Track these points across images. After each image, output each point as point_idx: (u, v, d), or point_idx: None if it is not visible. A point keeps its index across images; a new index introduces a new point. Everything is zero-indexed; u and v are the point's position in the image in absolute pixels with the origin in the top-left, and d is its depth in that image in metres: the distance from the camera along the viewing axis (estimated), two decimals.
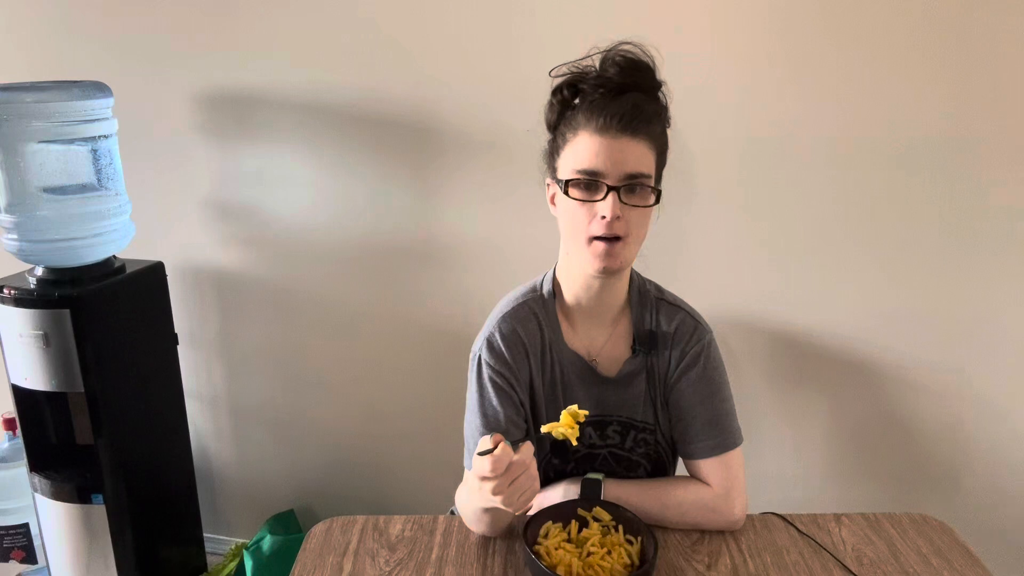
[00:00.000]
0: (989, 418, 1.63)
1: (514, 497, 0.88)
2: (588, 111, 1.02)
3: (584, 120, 1.02)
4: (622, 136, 1.00)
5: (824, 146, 1.52)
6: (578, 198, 1.02)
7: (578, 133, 1.03)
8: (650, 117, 1.03)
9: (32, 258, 1.62)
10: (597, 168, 1.00)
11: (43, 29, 1.80)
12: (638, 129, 1.00)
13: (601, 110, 1.01)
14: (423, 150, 1.70)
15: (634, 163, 1.00)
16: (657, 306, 1.15)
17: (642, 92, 1.04)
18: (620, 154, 1.00)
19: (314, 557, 1.08)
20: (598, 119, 1.01)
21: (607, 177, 1.00)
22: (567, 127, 1.05)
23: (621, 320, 1.15)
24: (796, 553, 1.08)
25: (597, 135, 1.01)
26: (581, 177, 1.01)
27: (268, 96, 1.73)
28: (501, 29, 1.57)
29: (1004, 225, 1.51)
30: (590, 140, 1.01)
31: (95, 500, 1.69)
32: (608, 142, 1.00)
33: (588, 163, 1.01)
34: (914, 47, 1.44)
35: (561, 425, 0.94)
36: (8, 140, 1.52)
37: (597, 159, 1.00)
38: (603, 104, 1.01)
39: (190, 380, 1.97)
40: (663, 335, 1.14)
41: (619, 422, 1.17)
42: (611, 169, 1.00)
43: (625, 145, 1.00)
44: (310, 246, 1.83)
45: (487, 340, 1.12)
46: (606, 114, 1.00)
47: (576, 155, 1.03)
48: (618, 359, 1.15)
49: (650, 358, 1.14)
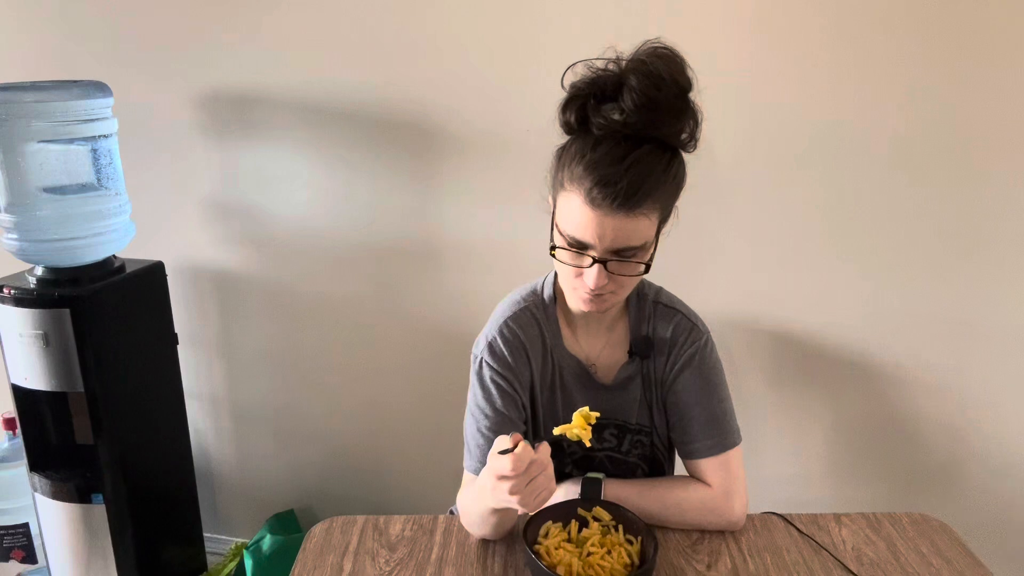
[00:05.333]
0: (989, 418, 1.63)
1: (530, 497, 0.88)
2: (586, 169, 0.91)
3: (582, 176, 0.91)
4: (616, 213, 0.90)
5: (824, 146, 1.52)
6: (565, 261, 0.98)
7: (574, 188, 0.93)
8: (657, 182, 0.91)
9: (32, 258, 1.62)
10: (585, 240, 0.94)
11: (43, 29, 1.80)
12: (638, 204, 0.90)
13: (597, 178, 0.90)
14: (424, 150, 1.70)
15: (625, 239, 0.93)
16: (654, 310, 1.14)
17: (661, 137, 0.92)
18: (611, 231, 0.92)
19: (314, 557, 1.08)
20: (592, 189, 0.90)
21: (594, 250, 0.94)
22: (568, 167, 0.94)
23: (619, 325, 1.15)
24: (796, 553, 1.08)
25: (588, 207, 0.91)
26: (568, 243, 0.96)
27: (268, 95, 1.73)
28: (502, 29, 1.57)
29: (1004, 225, 1.51)
30: (581, 208, 0.92)
31: (95, 500, 1.68)
32: (600, 218, 0.91)
33: (576, 232, 0.94)
34: (915, 47, 1.44)
35: (574, 426, 0.94)
36: (8, 140, 1.52)
37: (586, 232, 0.92)
38: (602, 167, 0.90)
39: (190, 380, 1.97)
40: (660, 340, 1.13)
41: (615, 425, 1.17)
42: (599, 244, 0.93)
43: (618, 222, 0.91)
44: (310, 246, 1.83)
45: (489, 343, 1.12)
46: (602, 185, 0.89)
47: (566, 215, 0.95)
48: (615, 364, 1.15)
49: (646, 363, 1.14)
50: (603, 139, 0.92)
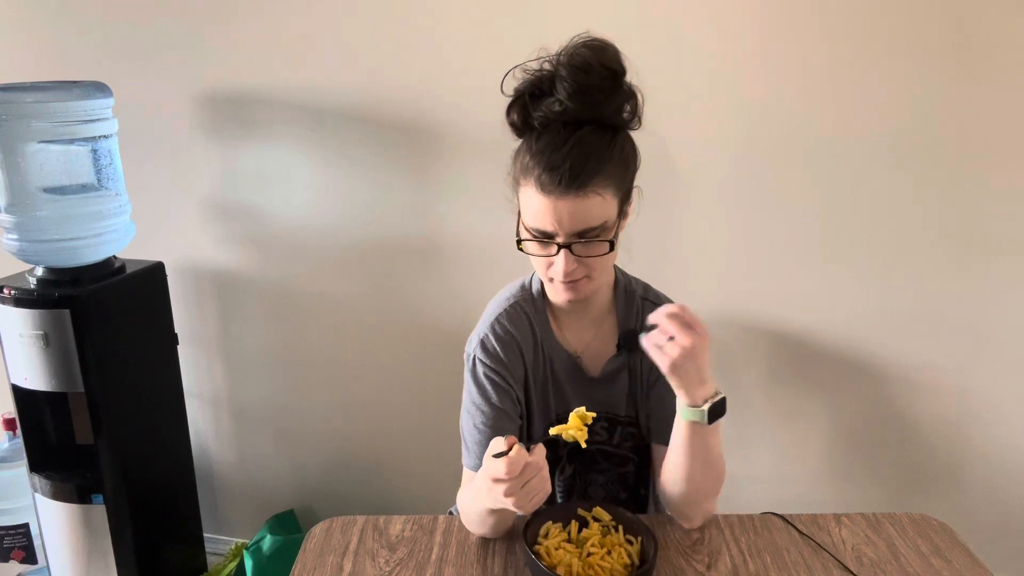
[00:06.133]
0: (989, 418, 1.63)
1: (526, 499, 0.88)
2: (533, 159, 0.95)
3: (531, 166, 0.96)
4: (568, 195, 0.93)
5: (823, 146, 1.52)
6: (533, 253, 1.01)
7: (526, 180, 0.97)
8: (603, 159, 0.95)
9: (32, 258, 1.62)
10: (545, 228, 0.97)
11: (43, 29, 1.80)
12: (586, 183, 0.93)
13: (543, 164, 0.94)
14: (423, 150, 1.70)
15: (583, 219, 0.95)
16: (642, 306, 1.16)
17: (599, 118, 0.96)
18: (567, 214, 0.94)
19: (314, 557, 1.08)
20: (540, 176, 0.94)
21: (557, 236, 0.96)
22: (520, 162, 0.99)
23: (607, 320, 1.16)
24: (796, 553, 1.08)
25: (541, 193, 0.95)
26: (532, 235, 0.99)
27: (268, 96, 1.73)
28: (502, 29, 1.57)
29: (1004, 225, 1.51)
30: (536, 197, 0.96)
31: (95, 500, 1.68)
32: (553, 202, 0.94)
33: (536, 222, 0.97)
34: (914, 47, 1.44)
35: (570, 427, 0.94)
36: (8, 140, 1.52)
37: (545, 219, 0.96)
38: (547, 154, 0.94)
39: (190, 380, 1.97)
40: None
41: (606, 418, 1.18)
42: (559, 228, 0.96)
43: (572, 204, 0.94)
44: (310, 246, 1.83)
45: (481, 341, 1.13)
46: (548, 170, 0.93)
47: (526, 208, 0.99)
48: (602, 357, 1.16)
49: (633, 356, 1.15)
50: (545, 130, 0.97)
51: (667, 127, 1.44)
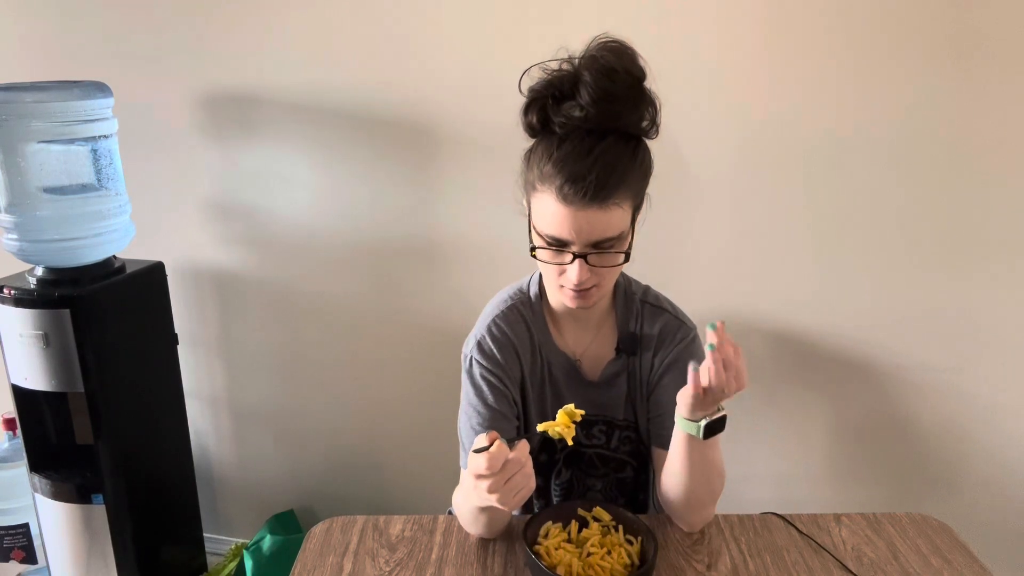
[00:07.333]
0: (989, 418, 1.63)
1: (509, 496, 0.88)
2: (554, 167, 0.93)
3: (551, 174, 0.94)
4: (589, 207, 0.92)
5: (823, 146, 1.52)
6: (546, 261, 0.99)
7: (545, 187, 0.95)
8: (626, 171, 0.94)
9: (32, 258, 1.62)
10: (562, 237, 0.95)
11: (43, 29, 1.80)
12: (609, 195, 0.92)
13: (567, 174, 0.92)
14: (423, 150, 1.70)
15: (601, 231, 0.94)
16: (642, 309, 1.15)
17: (622, 127, 0.95)
18: (587, 225, 0.93)
19: (314, 557, 1.08)
20: (563, 186, 0.92)
21: (573, 245, 0.96)
22: (537, 167, 0.97)
23: (606, 323, 1.16)
24: (796, 553, 1.08)
25: (562, 203, 0.93)
26: (547, 242, 0.97)
27: (268, 96, 1.73)
28: (503, 28, 1.57)
29: (1004, 224, 1.51)
30: (554, 206, 0.94)
31: (95, 500, 1.68)
32: (573, 212, 0.93)
33: (553, 230, 0.96)
34: (914, 47, 1.44)
35: (557, 424, 0.94)
36: (8, 140, 1.52)
37: (562, 229, 0.94)
38: (570, 164, 0.92)
39: (190, 380, 1.97)
40: (647, 338, 1.14)
41: (604, 422, 1.17)
42: (576, 238, 0.95)
43: (592, 215, 0.93)
44: (310, 246, 1.83)
45: (478, 342, 1.13)
46: (572, 181, 0.91)
47: (542, 215, 0.97)
48: (601, 360, 1.16)
49: (632, 360, 1.15)
50: (567, 136, 0.95)
51: (668, 128, 1.44)
